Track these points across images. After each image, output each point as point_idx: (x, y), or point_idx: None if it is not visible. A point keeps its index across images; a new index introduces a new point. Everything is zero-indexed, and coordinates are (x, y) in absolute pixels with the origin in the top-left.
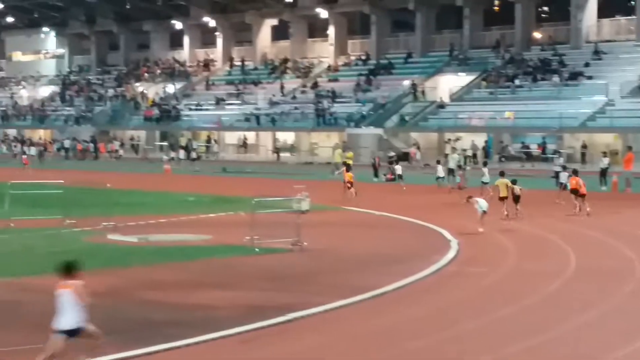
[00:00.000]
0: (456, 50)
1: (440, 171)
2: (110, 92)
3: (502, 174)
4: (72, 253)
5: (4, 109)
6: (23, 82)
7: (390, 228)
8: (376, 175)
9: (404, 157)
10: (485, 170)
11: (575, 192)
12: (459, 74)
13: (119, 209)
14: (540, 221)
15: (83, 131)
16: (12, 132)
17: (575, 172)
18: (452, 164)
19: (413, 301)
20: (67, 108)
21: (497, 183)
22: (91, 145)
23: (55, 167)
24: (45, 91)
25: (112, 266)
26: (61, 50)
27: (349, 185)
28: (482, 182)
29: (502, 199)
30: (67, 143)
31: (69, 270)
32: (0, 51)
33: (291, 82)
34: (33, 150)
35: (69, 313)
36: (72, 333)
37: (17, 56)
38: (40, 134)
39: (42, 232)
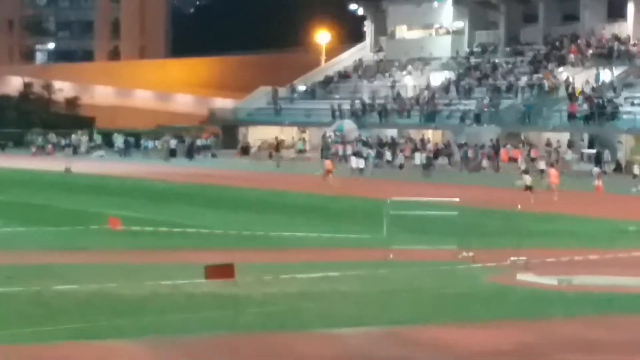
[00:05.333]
0: None
1: None
2: (523, 80)
3: None
4: (471, 297)
5: (382, 101)
6: (408, 67)
7: None
8: None
9: None
10: None
11: None
12: None
13: (533, 240)
14: None
15: (485, 133)
16: (391, 133)
17: None
18: None
19: None
20: (465, 101)
21: None
22: (485, 152)
23: (444, 182)
24: (437, 78)
25: (524, 316)
26: (459, 24)
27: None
28: None
29: None
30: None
31: None
32: (381, 26)
33: None
34: (417, 157)
35: None
36: None
37: (402, 32)
38: (429, 135)
39: (430, 266)
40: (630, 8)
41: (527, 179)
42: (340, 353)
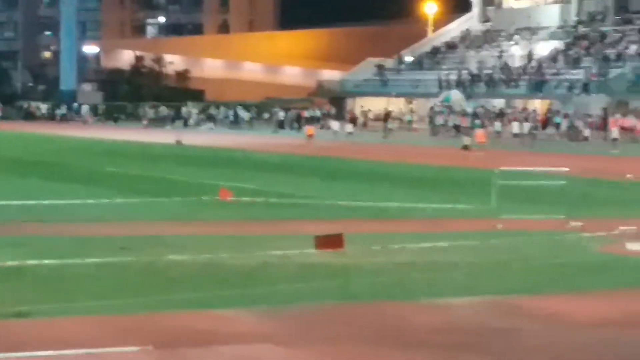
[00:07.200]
0: None
1: None
2: (632, 48)
3: None
4: (580, 266)
5: (489, 71)
6: (516, 37)
7: None
8: None
9: None
10: None
11: None
12: None
13: None
14: None
15: (593, 102)
16: (499, 104)
17: None
18: None
19: None
20: (573, 71)
21: None
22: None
23: (553, 151)
24: (545, 48)
25: (634, 286)
26: None
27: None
28: None
29: None
30: (560, 120)
31: None
32: None
33: None
34: (516, 127)
35: None
36: None
37: (509, 2)
38: (536, 105)
39: (539, 236)
40: None
41: (466, 140)
42: (449, 323)
